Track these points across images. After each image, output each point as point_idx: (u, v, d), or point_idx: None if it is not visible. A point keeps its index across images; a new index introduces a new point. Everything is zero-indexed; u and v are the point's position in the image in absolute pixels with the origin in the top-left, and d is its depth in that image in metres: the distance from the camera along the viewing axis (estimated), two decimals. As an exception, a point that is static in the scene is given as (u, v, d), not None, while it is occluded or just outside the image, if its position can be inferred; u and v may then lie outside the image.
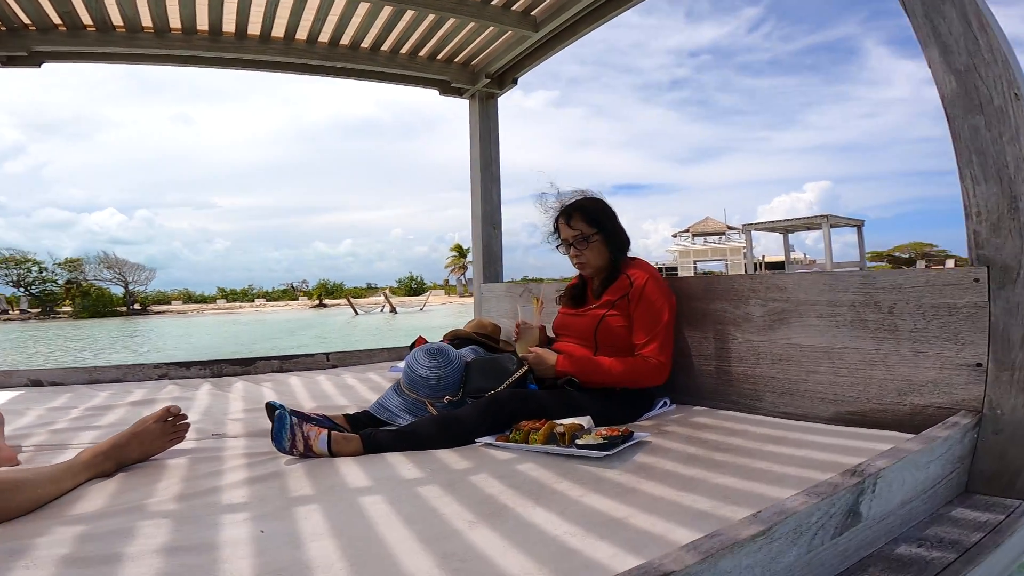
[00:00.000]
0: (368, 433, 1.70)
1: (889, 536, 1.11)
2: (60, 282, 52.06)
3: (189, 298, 60.86)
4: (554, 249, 2.25)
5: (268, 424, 1.79)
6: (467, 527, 1.09)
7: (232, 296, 61.41)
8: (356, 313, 32.87)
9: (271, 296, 61.83)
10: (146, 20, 3.04)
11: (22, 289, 50.41)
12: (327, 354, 3.50)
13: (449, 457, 1.59)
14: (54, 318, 47.00)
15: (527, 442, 1.62)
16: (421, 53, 3.65)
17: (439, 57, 3.73)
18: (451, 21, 3.24)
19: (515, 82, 3.86)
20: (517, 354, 2.16)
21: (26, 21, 2.95)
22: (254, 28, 3.20)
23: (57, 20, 2.97)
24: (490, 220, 4.06)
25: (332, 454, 1.64)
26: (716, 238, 50.69)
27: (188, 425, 1.71)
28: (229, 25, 3.16)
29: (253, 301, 58.50)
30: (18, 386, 2.91)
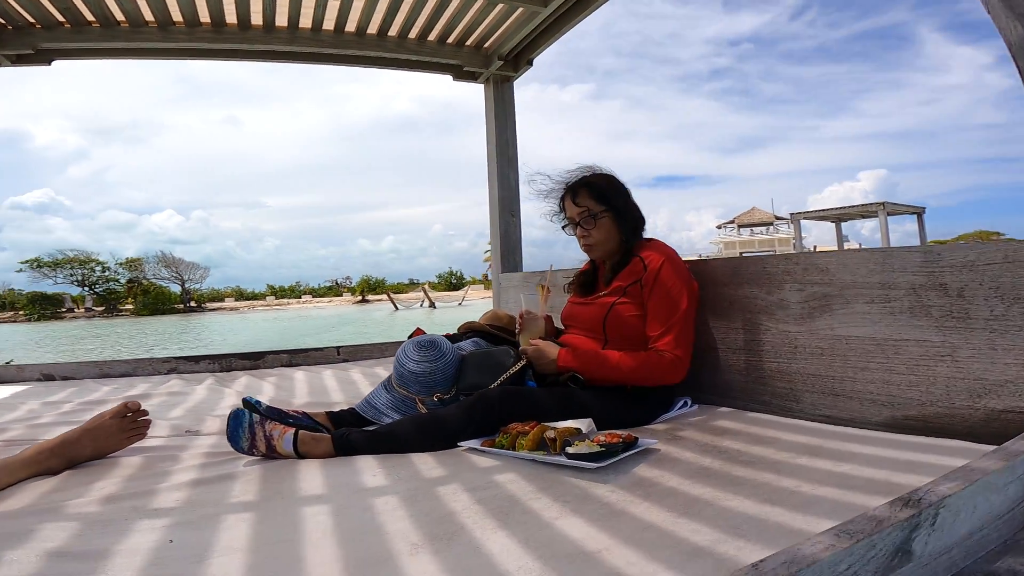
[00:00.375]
0: (341, 434, 1.52)
1: (948, 572, 0.85)
2: (122, 281, 54.90)
3: (241, 295, 63.15)
4: (560, 230, 2.03)
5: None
6: (407, 552, 0.90)
7: (281, 293, 63.43)
8: (396, 308, 33.34)
9: (317, 292, 63.52)
10: (148, 14, 2.98)
11: (87, 288, 53.42)
12: (337, 347, 3.37)
13: (424, 462, 1.40)
14: (117, 316, 49.60)
15: (514, 448, 1.42)
16: (430, 37, 3.47)
17: (449, 41, 3.54)
18: (457, 0, 3.05)
19: (530, 63, 3.65)
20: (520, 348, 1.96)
21: (30, 19, 2.92)
22: (256, 18, 3.10)
23: (60, 17, 2.94)
24: (508, 207, 3.86)
25: (300, 455, 1.48)
26: (763, 229, 48.86)
27: (149, 422, 1.58)
28: (231, 16, 3.06)
29: (300, 297, 60.26)
30: (30, 380, 2.91)
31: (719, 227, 52.90)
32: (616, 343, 1.79)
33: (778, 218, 48.34)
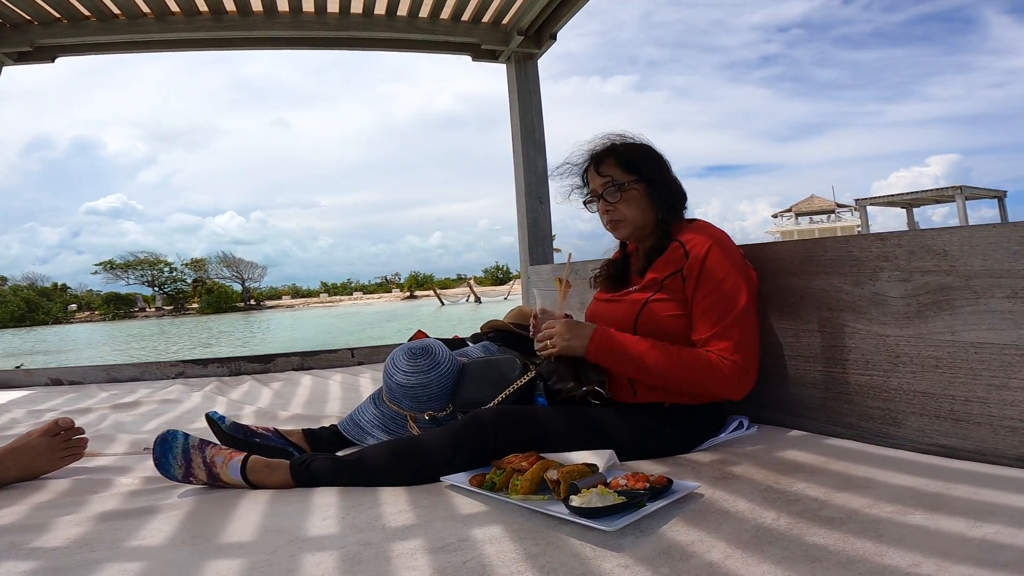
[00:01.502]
0: (301, 461, 1.25)
1: None
2: (188, 281, 57.75)
3: (297, 293, 65.25)
4: (583, 213, 1.62)
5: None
6: None
7: (333, 290, 65.21)
8: (442, 303, 33.56)
9: (367, 289, 64.92)
10: (144, 6, 2.82)
11: (156, 288, 56.48)
12: (351, 350, 3.14)
13: (393, 503, 1.11)
14: (183, 314, 52.23)
15: (507, 489, 1.10)
16: (443, 15, 3.20)
17: (464, 17, 3.25)
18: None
19: (554, 38, 3.32)
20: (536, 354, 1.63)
21: (25, 16, 2.81)
22: (256, 4, 2.89)
23: (55, 12, 2.81)
24: (535, 193, 3.53)
25: (251, 484, 1.21)
26: (824, 217, 46.31)
27: (84, 440, 1.37)
28: (230, 3, 2.87)
29: (351, 294, 61.74)
30: (38, 384, 2.81)
31: (775, 216, 50.55)
32: None
33: (840, 205, 45.69)
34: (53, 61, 3.07)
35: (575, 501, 0.96)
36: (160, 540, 0.97)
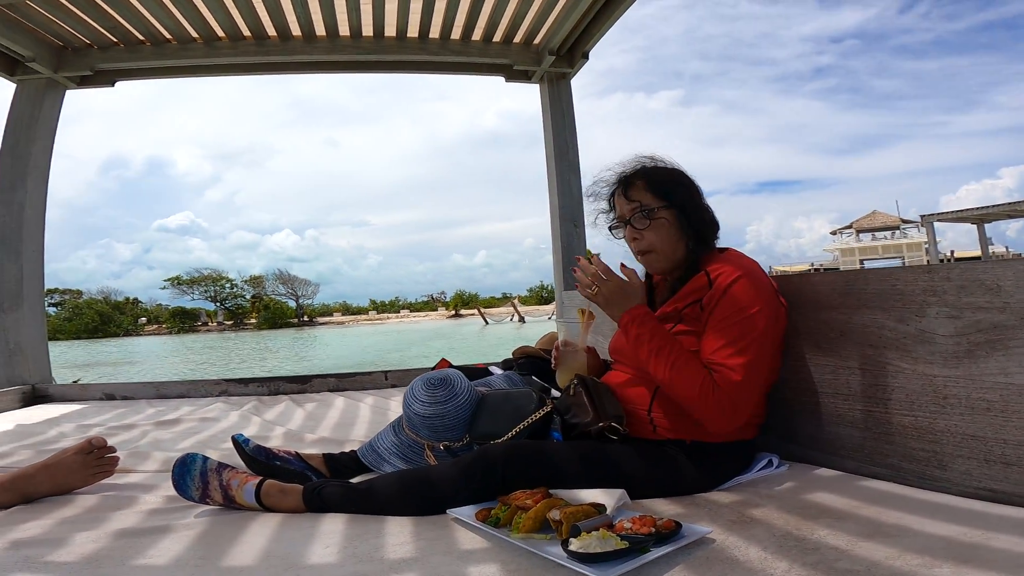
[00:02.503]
0: (313, 488, 1.26)
1: None
2: (247, 297, 60.44)
3: (347, 310, 67.20)
4: (610, 235, 1.57)
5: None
6: None
7: (381, 308, 66.78)
8: (486, 323, 33.72)
9: (414, 307, 66.14)
10: (192, 31, 3.01)
11: (218, 303, 59.37)
12: (385, 372, 3.18)
13: (398, 534, 1.10)
14: (242, 329, 54.59)
15: (511, 526, 1.07)
16: (475, 36, 3.26)
17: (496, 38, 3.31)
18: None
19: (586, 56, 3.33)
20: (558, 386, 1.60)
21: (85, 40, 3.05)
22: (295, 29, 3.06)
23: (111, 37, 3.04)
24: (570, 216, 3.51)
25: (265, 508, 1.24)
26: (887, 233, 44.09)
27: (116, 459, 1.44)
28: (271, 29, 3.04)
29: (399, 312, 63.06)
30: (92, 399, 2.98)
31: (834, 233, 48.53)
32: None
33: (904, 221, 43.41)
34: (113, 85, 3.31)
35: (574, 544, 0.92)
36: (166, 560, 1.00)
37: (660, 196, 1.40)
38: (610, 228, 1.52)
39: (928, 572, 0.83)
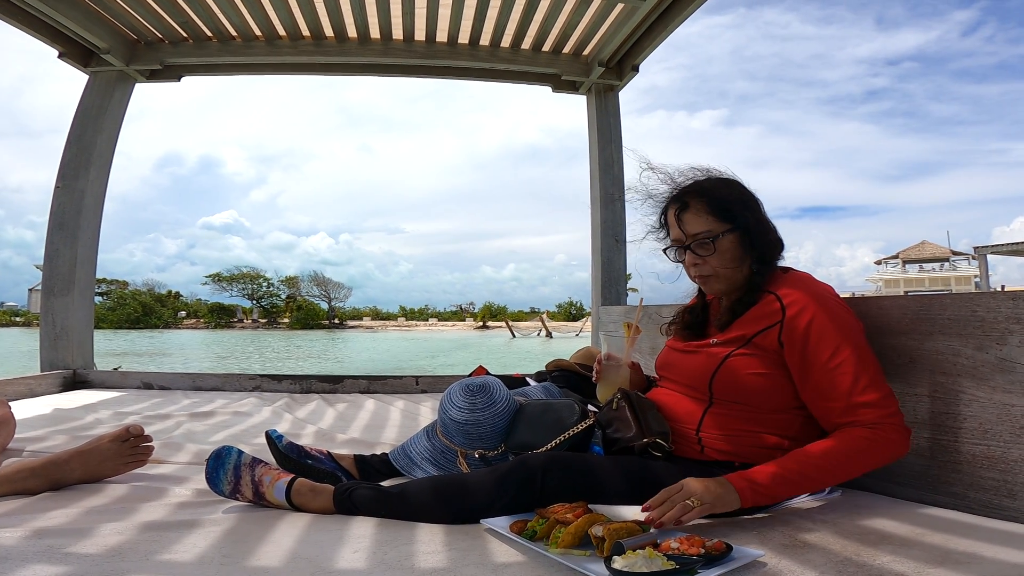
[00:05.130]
0: (344, 489, 1.24)
1: None
2: (282, 296, 61.84)
3: (377, 315, 68.02)
4: (660, 252, 1.47)
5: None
6: None
7: (411, 315, 67.36)
8: (513, 336, 33.67)
9: (442, 316, 66.51)
10: (256, 29, 3.10)
11: (255, 301, 60.89)
12: (416, 377, 3.17)
13: (429, 542, 1.06)
14: (276, 327, 55.81)
15: (547, 540, 1.02)
16: (524, 45, 3.28)
17: (545, 48, 3.32)
18: (549, 0, 2.80)
19: (636, 69, 3.29)
20: (598, 401, 1.55)
21: (158, 35, 3.17)
22: (351, 30, 3.13)
23: (182, 32, 3.15)
24: (612, 231, 3.46)
25: (294, 507, 1.21)
26: (935, 266, 42.45)
27: (151, 448, 1.43)
28: (328, 29, 3.12)
29: (427, 320, 63.50)
30: (131, 387, 3.05)
31: (878, 263, 46.99)
32: (723, 404, 1.29)
33: (955, 253, 41.77)
34: (179, 80, 3.43)
35: (617, 563, 0.87)
36: (191, 556, 0.97)
37: (723, 219, 1.31)
38: (664, 250, 1.43)
39: None
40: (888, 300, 1.40)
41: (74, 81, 3.36)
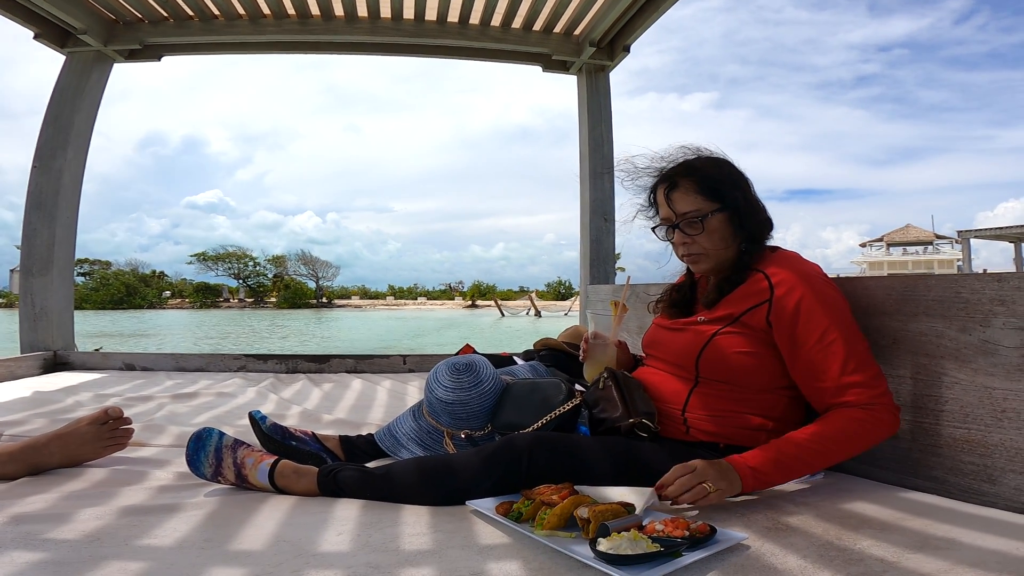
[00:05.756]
0: (328, 471, 1.22)
1: None
2: (269, 276, 61.20)
3: (365, 294, 67.64)
4: (649, 233, 1.47)
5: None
6: None
7: (399, 294, 67.16)
8: (502, 315, 33.76)
9: (431, 295, 66.36)
10: (240, 8, 3.00)
11: (241, 281, 60.26)
12: (404, 357, 3.15)
13: (414, 523, 1.06)
14: (263, 307, 55.36)
15: (533, 522, 1.02)
16: (515, 24, 3.22)
17: (536, 27, 3.26)
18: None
19: (627, 50, 3.26)
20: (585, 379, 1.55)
21: (137, 14, 3.05)
22: (339, 8, 3.04)
23: (162, 12, 3.04)
24: (601, 211, 3.44)
25: (278, 489, 1.20)
26: (919, 249, 43.00)
27: (131, 431, 1.40)
28: (315, 8, 3.02)
29: (416, 299, 63.40)
30: (113, 368, 3.00)
31: (863, 245, 47.49)
32: (709, 384, 1.29)
33: (939, 236, 42.34)
34: (159, 60, 3.32)
35: (603, 545, 0.87)
36: (171, 541, 0.96)
37: (712, 198, 1.30)
38: (653, 229, 1.42)
39: None
40: (873, 280, 1.39)
41: (55, 62, 3.26)
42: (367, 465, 1.34)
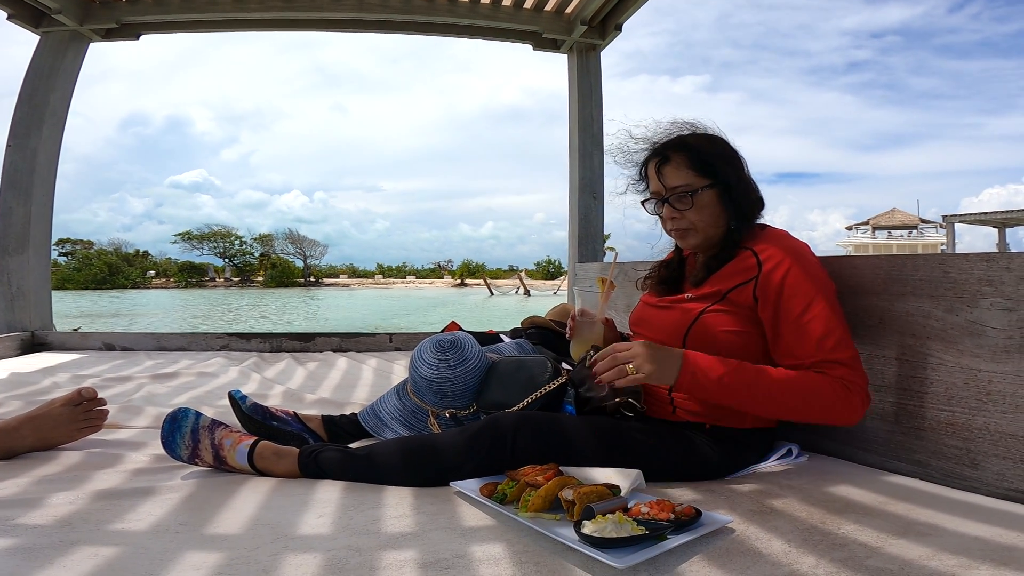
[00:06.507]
0: (309, 451, 1.20)
1: None
2: (256, 254, 60.45)
3: (354, 272, 67.15)
4: (639, 212, 1.45)
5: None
6: None
7: (388, 272, 66.73)
8: (491, 293, 33.76)
9: (420, 274, 66.01)
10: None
11: (227, 260, 59.49)
12: (390, 335, 3.12)
13: (397, 505, 1.04)
14: (249, 286, 54.81)
15: (517, 504, 1.01)
16: (505, 2, 3.16)
17: (527, 5, 3.20)
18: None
19: (619, 29, 3.20)
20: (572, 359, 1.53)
21: None
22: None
23: None
24: (589, 189, 3.41)
25: (257, 471, 1.18)
26: (904, 232, 43.46)
27: (105, 412, 1.37)
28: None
29: (405, 277, 62.99)
30: (91, 349, 2.94)
31: (849, 228, 47.88)
32: None
33: (924, 221, 42.78)
34: (137, 39, 3.22)
35: (587, 528, 0.86)
36: (145, 525, 0.93)
37: (704, 174, 1.28)
38: (642, 203, 1.40)
39: (966, 574, 0.78)
40: (861, 260, 1.38)
41: (30, 42, 3.16)
42: (350, 446, 1.32)
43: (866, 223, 45.96)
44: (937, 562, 0.81)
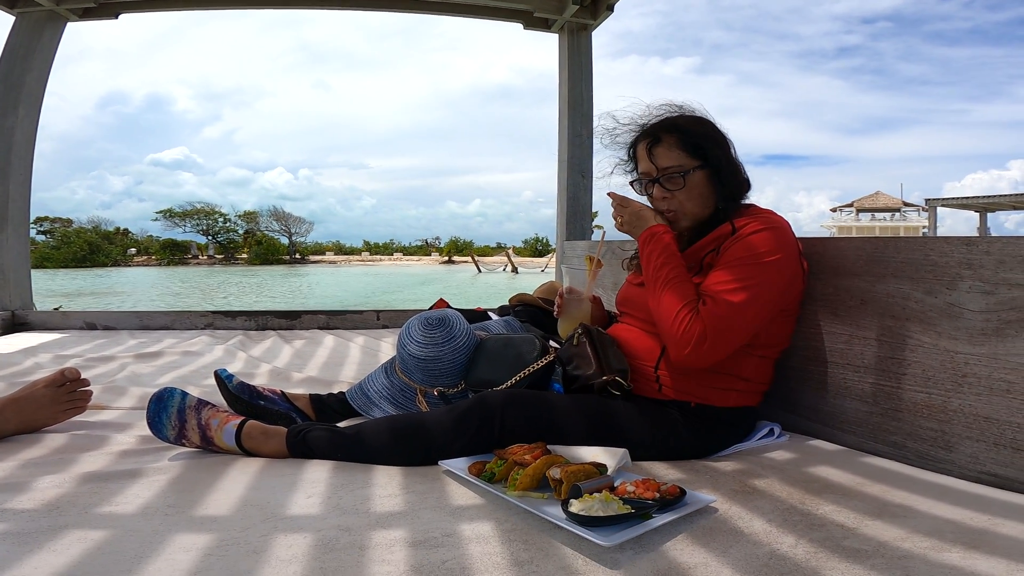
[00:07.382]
0: (298, 431, 1.20)
1: None
2: (240, 232, 59.54)
3: (340, 250, 66.52)
4: (627, 186, 1.46)
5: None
6: None
7: (375, 249, 66.20)
8: (479, 271, 33.73)
9: (407, 251, 65.60)
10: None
11: (210, 237, 58.56)
12: (377, 312, 3.11)
13: (386, 484, 1.05)
14: (233, 263, 54.09)
15: (506, 482, 1.02)
16: (495, -21, 3.05)
17: (517, -17, 3.10)
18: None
19: (611, 9, 3.15)
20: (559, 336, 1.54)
21: None
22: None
23: None
24: (578, 167, 3.39)
25: (245, 451, 1.18)
26: (887, 215, 43.93)
27: (89, 393, 1.35)
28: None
29: (392, 255, 62.59)
30: (73, 328, 2.90)
31: (833, 210, 48.25)
32: None
33: (907, 204, 43.24)
34: (116, 17, 3.14)
35: (574, 506, 0.87)
36: (133, 508, 0.93)
37: (694, 155, 1.30)
38: (631, 183, 1.41)
39: (937, 556, 0.80)
40: (845, 241, 1.39)
41: (6, 25, 3.05)
42: (338, 425, 1.33)
43: (850, 205, 46.37)
44: (910, 544, 0.84)
